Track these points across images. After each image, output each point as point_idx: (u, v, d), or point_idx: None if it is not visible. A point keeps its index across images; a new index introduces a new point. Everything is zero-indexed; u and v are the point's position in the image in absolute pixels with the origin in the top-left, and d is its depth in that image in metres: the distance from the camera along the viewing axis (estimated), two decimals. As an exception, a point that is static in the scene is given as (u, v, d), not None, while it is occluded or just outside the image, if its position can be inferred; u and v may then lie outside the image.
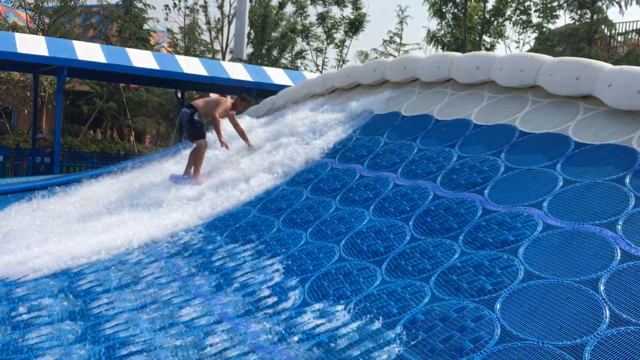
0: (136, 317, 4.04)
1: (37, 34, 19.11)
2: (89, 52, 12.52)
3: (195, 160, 7.37)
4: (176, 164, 8.15)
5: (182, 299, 4.17)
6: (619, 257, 3.18)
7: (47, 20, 21.67)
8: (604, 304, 2.90)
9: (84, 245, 5.55)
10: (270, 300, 3.88)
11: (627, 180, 3.81)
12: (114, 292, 4.56)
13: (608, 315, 2.83)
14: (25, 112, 23.55)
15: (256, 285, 4.12)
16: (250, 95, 8.38)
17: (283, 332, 3.43)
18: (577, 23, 20.95)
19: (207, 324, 3.72)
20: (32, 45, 11.90)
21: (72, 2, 21.72)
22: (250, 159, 7.13)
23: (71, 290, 4.74)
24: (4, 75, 20.82)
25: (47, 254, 5.44)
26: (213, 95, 13.76)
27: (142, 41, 21.85)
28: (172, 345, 3.48)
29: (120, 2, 22.56)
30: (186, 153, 7.93)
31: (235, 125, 7.77)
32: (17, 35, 12.68)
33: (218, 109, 7.47)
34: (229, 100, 7.76)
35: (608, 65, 4.89)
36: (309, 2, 25.92)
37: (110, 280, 4.78)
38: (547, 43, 20.70)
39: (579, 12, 20.88)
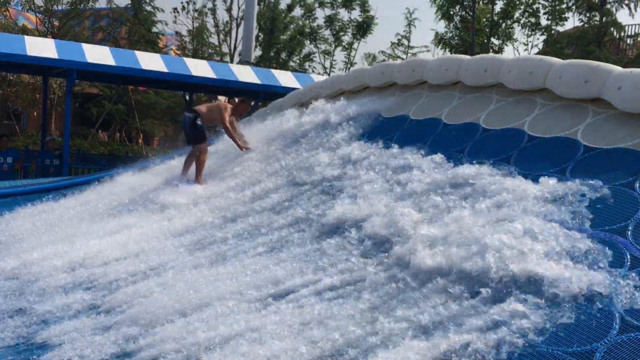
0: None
1: (46, 37, 19.24)
2: (98, 54, 12.57)
3: (198, 164, 7.39)
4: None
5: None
6: (629, 263, 3.16)
7: (56, 23, 21.78)
8: (614, 310, 2.87)
9: (94, 247, 5.60)
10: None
11: (637, 184, 3.78)
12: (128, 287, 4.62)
13: (618, 321, 2.80)
14: (35, 114, 23.67)
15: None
16: (249, 99, 8.39)
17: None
18: (586, 25, 20.82)
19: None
20: (42, 48, 11.96)
21: (82, 5, 21.83)
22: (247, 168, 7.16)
23: (86, 287, 4.80)
24: (14, 78, 20.95)
25: (60, 254, 5.50)
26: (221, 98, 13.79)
27: (151, 44, 21.90)
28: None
29: (129, 5, 22.66)
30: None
31: (234, 130, 7.80)
32: (27, 38, 12.75)
33: (225, 116, 7.52)
34: (229, 105, 7.80)
35: (617, 68, 4.86)
36: (317, 5, 25.93)
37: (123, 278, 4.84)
38: (555, 45, 20.56)
39: (587, 15, 20.76)
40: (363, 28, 25.83)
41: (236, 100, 9.50)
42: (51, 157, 12.67)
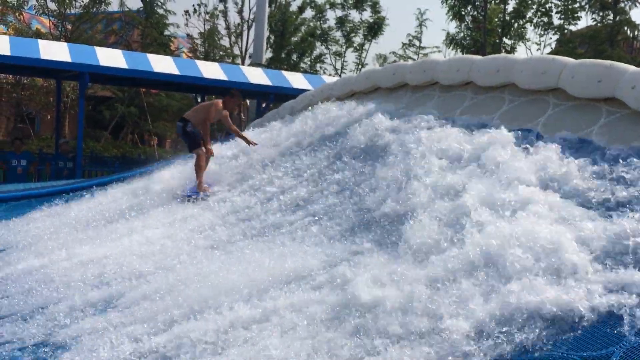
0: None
1: (59, 41, 19.41)
2: (111, 57, 12.67)
3: (196, 169, 7.37)
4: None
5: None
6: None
7: (69, 27, 21.97)
8: (627, 313, 2.83)
9: (107, 249, 5.64)
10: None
11: (653, 185, 3.73)
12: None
13: (634, 325, 2.76)
14: (48, 117, 23.89)
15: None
16: (239, 92, 8.26)
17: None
18: (599, 24, 20.64)
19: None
20: (55, 51, 12.08)
21: (94, 9, 22.00)
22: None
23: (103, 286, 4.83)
24: (28, 81, 21.15)
25: (79, 254, 5.55)
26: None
27: (163, 47, 22.02)
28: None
29: (142, 9, 22.80)
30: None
31: (229, 127, 7.76)
32: (41, 41, 12.89)
33: (208, 114, 7.50)
34: (218, 102, 7.73)
35: (631, 67, 4.80)
36: (327, 7, 25.93)
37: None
38: (568, 45, 20.44)
39: (600, 14, 20.58)
40: (374, 29, 25.81)
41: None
42: (65, 159, 12.77)
